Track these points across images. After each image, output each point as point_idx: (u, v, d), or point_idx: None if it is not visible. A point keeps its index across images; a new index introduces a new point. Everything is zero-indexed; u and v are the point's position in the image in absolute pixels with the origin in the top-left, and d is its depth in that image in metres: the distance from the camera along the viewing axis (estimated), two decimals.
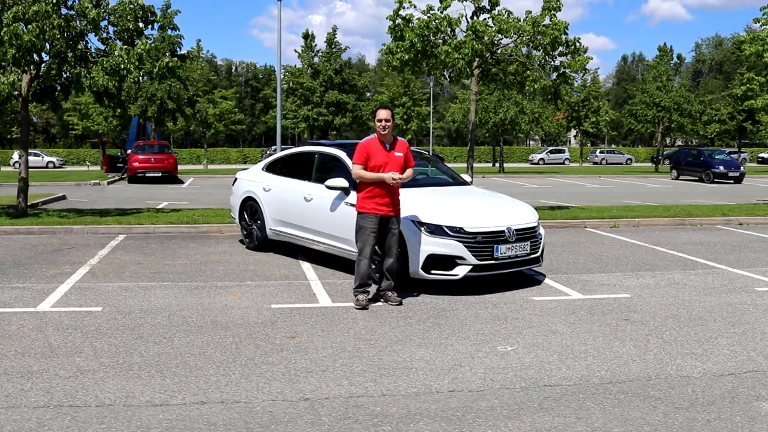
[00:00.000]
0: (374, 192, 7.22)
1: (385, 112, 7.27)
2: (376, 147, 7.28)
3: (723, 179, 32.71)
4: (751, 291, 8.28)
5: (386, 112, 7.29)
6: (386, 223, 7.31)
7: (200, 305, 7.23)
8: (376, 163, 7.21)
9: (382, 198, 7.22)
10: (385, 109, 7.36)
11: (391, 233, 7.36)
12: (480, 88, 29.28)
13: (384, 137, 7.32)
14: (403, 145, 7.46)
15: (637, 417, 4.51)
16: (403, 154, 7.37)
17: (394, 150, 7.32)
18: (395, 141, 7.41)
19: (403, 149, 7.39)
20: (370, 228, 7.24)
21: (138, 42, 12.78)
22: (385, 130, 7.25)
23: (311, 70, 43.27)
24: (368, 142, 7.36)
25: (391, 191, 7.28)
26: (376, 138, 7.35)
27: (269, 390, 4.87)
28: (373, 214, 7.22)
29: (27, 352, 5.59)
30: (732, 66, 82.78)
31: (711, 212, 15.57)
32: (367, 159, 7.22)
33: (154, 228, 12.25)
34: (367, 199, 7.25)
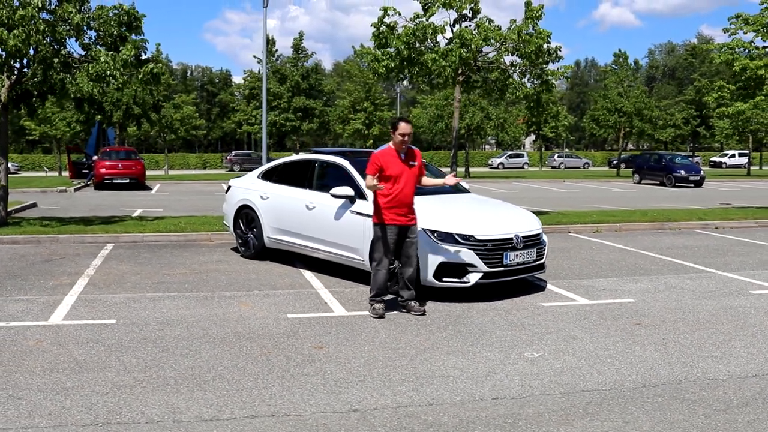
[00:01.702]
0: (392, 202, 7.20)
1: (408, 127, 7.31)
2: (391, 157, 7.28)
3: (684, 183, 33.53)
4: (747, 294, 8.54)
5: (408, 126, 7.34)
6: (405, 232, 7.32)
7: (215, 316, 7.16)
8: (391, 173, 7.21)
9: (400, 208, 7.23)
10: (407, 122, 7.39)
11: (409, 242, 7.37)
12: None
13: (401, 148, 7.34)
14: (417, 155, 7.50)
15: (680, 420, 4.63)
16: (418, 163, 7.43)
17: (410, 160, 7.36)
18: (409, 151, 7.42)
19: (417, 159, 7.45)
20: (390, 239, 7.24)
21: (122, 48, 12.56)
22: (405, 144, 7.29)
23: (278, 75, 43.05)
24: (382, 153, 7.34)
25: (408, 201, 7.30)
26: (392, 149, 7.35)
27: (315, 402, 4.86)
28: (392, 225, 7.22)
29: (55, 368, 5.48)
30: (684, 72, 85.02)
31: (688, 216, 15.98)
32: (379, 170, 7.21)
33: (143, 237, 12.07)
34: (385, 210, 7.23)
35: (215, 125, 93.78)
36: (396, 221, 7.23)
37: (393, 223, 7.23)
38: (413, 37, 13.81)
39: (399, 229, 7.27)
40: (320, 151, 10.24)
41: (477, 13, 15.06)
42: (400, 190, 7.21)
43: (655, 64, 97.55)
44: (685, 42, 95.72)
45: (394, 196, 7.20)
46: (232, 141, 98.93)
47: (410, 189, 7.30)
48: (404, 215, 7.27)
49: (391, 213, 7.23)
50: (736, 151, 66.98)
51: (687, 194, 28.70)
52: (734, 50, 16.92)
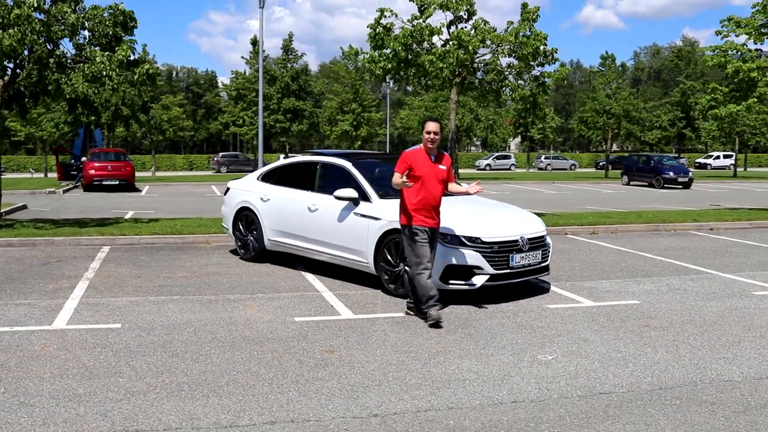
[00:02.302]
0: (420, 204, 7.10)
1: (434, 125, 7.18)
2: (421, 157, 7.19)
3: (673, 184, 33.73)
4: (750, 295, 8.56)
5: (435, 124, 7.20)
6: (431, 234, 7.22)
7: (222, 320, 7.09)
8: (419, 173, 7.11)
9: (428, 210, 7.13)
10: (434, 121, 7.25)
11: (432, 245, 7.24)
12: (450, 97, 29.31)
13: (430, 150, 7.23)
14: (447, 159, 7.40)
15: (701, 422, 4.62)
16: (447, 167, 7.31)
17: (439, 163, 7.26)
18: (440, 155, 7.34)
19: (446, 162, 7.33)
20: (421, 240, 7.09)
21: (118, 48, 12.44)
22: (432, 143, 7.16)
23: (268, 76, 42.87)
24: (413, 152, 7.30)
25: (435, 203, 7.19)
26: (422, 149, 7.27)
27: (334, 407, 4.80)
28: (422, 227, 7.11)
29: (64, 374, 5.38)
30: (670, 74, 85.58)
31: (682, 218, 16.05)
32: (408, 169, 7.14)
33: (139, 239, 11.95)
34: (413, 212, 7.12)
35: (201, 126, 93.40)
36: (424, 223, 7.11)
37: (421, 224, 7.11)
38: (411, 38, 13.77)
39: (428, 230, 7.13)
40: (322, 152, 10.18)
41: (472, 14, 15.06)
42: (428, 191, 7.09)
43: (640, 66, 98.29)
44: (670, 44, 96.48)
45: (422, 198, 7.09)
46: (217, 142, 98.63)
47: (438, 191, 7.18)
48: (431, 217, 7.16)
49: (419, 215, 7.12)
50: (721, 152, 67.56)
51: (676, 195, 28.87)
52: (727, 53, 17.02)
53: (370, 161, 9.83)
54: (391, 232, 8.26)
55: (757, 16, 17.09)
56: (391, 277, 8.32)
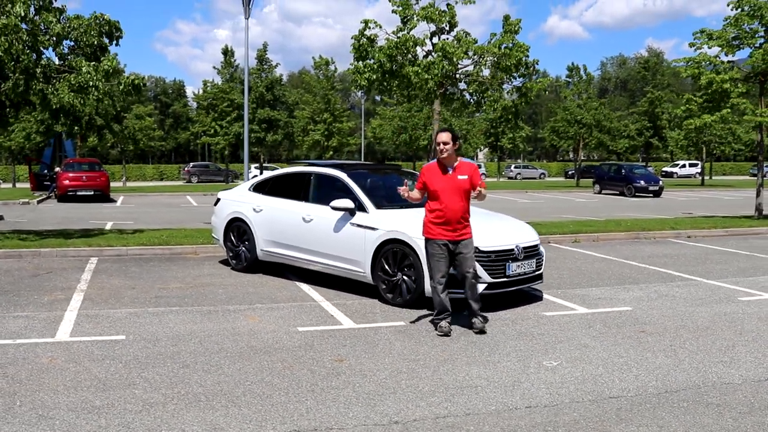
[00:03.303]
0: (438, 218, 7.08)
1: (444, 135, 7.10)
2: (433, 171, 7.17)
3: (644, 193, 34.32)
4: (737, 301, 8.81)
5: (445, 134, 7.11)
6: (455, 248, 7.13)
7: (225, 330, 7.11)
8: (433, 188, 7.11)
9: (448, 224, 7.06)
10: (445, 131, 7.19)
11: (462, 258, 7.15)
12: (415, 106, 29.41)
13: (446, 160, 7.15)
14: (466, 166, 7.22)
15: (710, 423, 4.78)
16: (468, 176, 7.13)
17: (456, 173, 7.13)
18: (460, 165, 7.19)
19: (466, 171, 7.17)
20: (438, 254, 7.11)
21: (103, 58, 12.39)
22: (443, 153, 7.07)
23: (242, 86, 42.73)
24: (427, 167, 7.30)
25: (454, 216, 7.06)
26: (436, 162, 7.24)
27: (354, 415, 4.87)
28: (439, 240, 7.10)
29: (78, 386, 5.37)
30: (636, 84, 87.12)
31: (661, 226, 16.38)
32: (424, 183, 7.20)
33: (126, 250, 11.88)
34: (432, 225, 7.13)
35: (169, 136, 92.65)
36: (443, 236, 7.07)
37: (439, 237, 7.08)
38: (395, 50, 13.92)
39: (449, 243, 7.09)
40: (315, 163, 10.24)
41: (454, 26, 15.27)
42: (444, 204, 7.03)
43: (607, 76, 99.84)
44: (637, 55, 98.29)
45: (439, 211, 7.06)
46: (186, 152, 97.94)
47: (456, 203, 7.04)
48: (452, 231, 7.07)
49: (436, 228, 7.10)
50: (687, 161, 68.93)
51: (648, 204, 29.39)
52: (700, 64, 17.47)
53: (365, 172, 9.92)
54: (388, 242, 8.37)
55: (729, 29, 17.57)
56: (389, 287, 8.40)
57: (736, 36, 17.34)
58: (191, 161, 71.13)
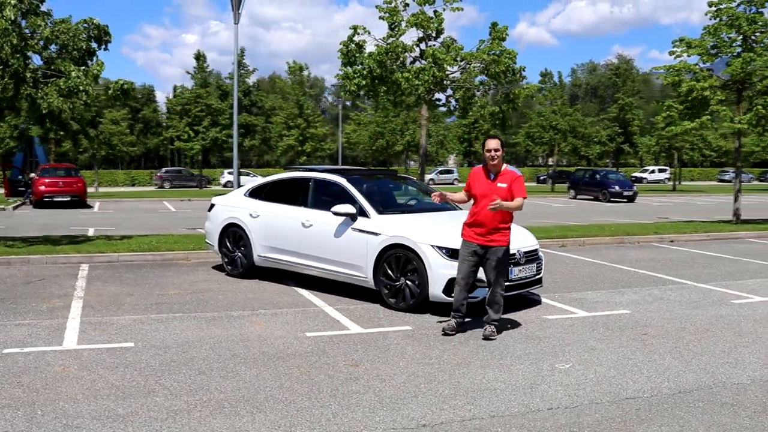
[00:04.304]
0: (472, 220, 7.24)
1: (494, 142, 7.18)
2: (479, 176, 7.32)
3: (618, 198, 34.82)
4: (730, 304, 9.01)
5: (495, 142, 7.18)
6: (484, 252, 7.23)
7: (234, 336, 7.09)
8: (476, 192, 7.25)
9: (479, 227, 7.18)
10: (494, 139, 7.25)
11: (488, 264, 7.25)
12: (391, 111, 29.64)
13: (492, 167, 7.25)
14: (508, 175, 7.25)
15: (728, 422, 4.90)
16: (507, 184, 7.18)
17: (498, 180, 7.20)
18: (503, 172, 7.25)
19: (507, 180, 7.18)
20: (464, 255, 7.27)
21: (91, 62, 12.28)
22: (493, 160, 7.16)
23: (219, 91, 42.46)
24: (474, 171, 7.45)
25: (487, 221, 7.14)
26: (484, 167, 7.37)
27: (380, 419, 4.91)
28: (469, 242, 7.25)
29: (97, 395, 5.33)
30: (607, 90, 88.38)
31: (644, 231, 16.64)
32: (470, 187, 7.36)
33: (117, 256, 11.76)
34: (466, 226, 7.32)
35: (139, 141, 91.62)
36: (473, 239, 7.21)
37: (469, 240, 7.24)
38: (385, 56, 13.99)
39: (477, 247, 7.21)
40: (313, 168, 10.24)
41: (440, 33, 15.40)
42: (479, 209, 7.16)
43: (577, 82, 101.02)
44: (607, 61, 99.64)
45: (475, 214, 7.22)
46: (156, 157, 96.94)
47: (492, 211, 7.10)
48: (482, 235, 7.18)
49: (470, 230, 7.27)
50: (656, 167, 70.00)
51: (624, 209, 29.82)
52: (680, 72, 17.80)
53: (364, 178, 9.95)
54: (391, 247, 8.42)
55: (707, 38, 17.94)
56: (392, 292, 8.45)
57: (715, 45, 17.73)
58: (161, 166, 70.49)
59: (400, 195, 10.60)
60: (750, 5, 17.51)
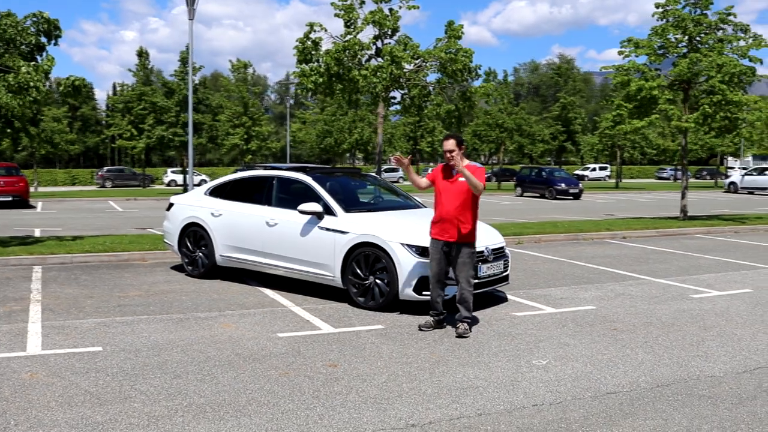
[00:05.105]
0: (436, 218, 7.35)
1: (449, 143, 7.21)
2: (441, 172, 7.43)
3: (564, 195, 35.45)
4: (690, 298, 9.23)
5: (450, 142, 7.22)
6: (450, 249, 7.28)
7: (204, 338, 6.93)
8: (437, 188, 7.39)
9: (442, 224, 7.26)
10: (450, 139, 7.29)
11: (455, 260, 7.29)
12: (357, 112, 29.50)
13: (453, 166, 7.30)
14: (469, 168, 7.20)
15: (709, 414, 5.01)
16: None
17: (458, 176, 7.26)
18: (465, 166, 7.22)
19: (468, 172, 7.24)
20: (433, 253, 7.35)
21: (41, 58, 11.85)
22: (450, 160, 7.22)
23: (165, 88, 41.50)
24: (439, 167, 7.54)
25: (449, 217, 7.21)
26: (448, 164, 7.42)
27: (368, 419, 4.85)
28: (436, 240, 7.32)
29: (71, 402, 5.12)
30: (549, 89, 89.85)
31: (596, 227, 16.96)
32: (434, 179, 7.46)
33: (72, 258, 11.38)
34: (433, 224, 7.40)
35: (78, 140, 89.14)
36: (440, 237, 7.30)
37: (436, 237, 7.33)
38: (343, 53, 13.90)
39: (443, 244, 7.28)
40: (276, 166, 10.09)
41: (396, 31, 15.38)
42: (442, 205, 7.28)
43: (520, 81, 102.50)
44: (548, 61, 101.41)
45: (438, 212, 7.34)
46: (95, 156, 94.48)
47: (452, 205, 7.20)
48: (446, 231, 7.24)
49: (435, 228, 7.37)
50: (597, 165, 71.54)
51: (571, 206, 30.35)
52: (629, 72, 18.20)
53: (328, 175, 9.85)
54: (360, 245, 8.35)
55: (654, 38, 18.38)
56: (360, 290, 8.39)
57: (662, 45, 18.18)
58: (101, 165, 68.76)
59: (365, 193, 10.55)
60: (695, 7, 18.02)
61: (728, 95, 16.74)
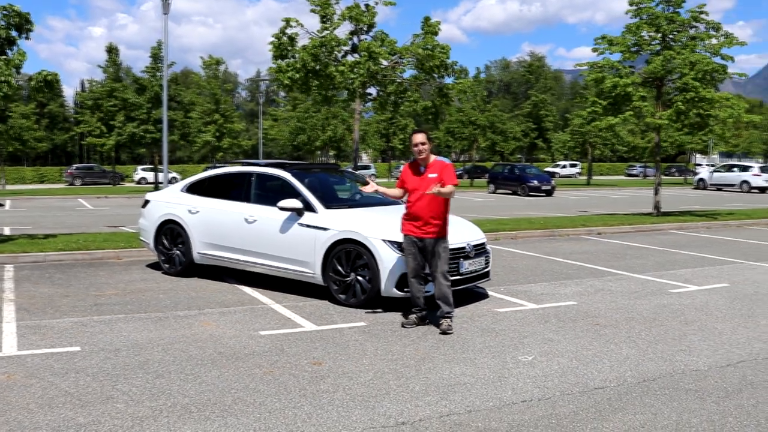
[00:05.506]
0: (407, 214, 7.33)
1: (420, 136, 7.19)
2: (409, 170, 7.39)
3: (537, 192, 35.65)
4: (669, 293, 9.30)
5: (421, 136, 7.19)
6: (423, 245, 7.25)
7: (185, 337, 6.81)
8: (409, 187, 7.33)
9: (415, 220, 7.23)
10: (420, 133, 7.26)
11: (429, 256, 7.26)
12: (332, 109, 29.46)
13: (421, 160, 7.26)
14: (437, 165, 7.25)
15: (698, 408, 5.03)
16: (438, 174, 7.16)
17: (428, 172, 7.22)
18: (433, 163, 7.26)
19: (437, 170, 7.19)
20: (407, 249, 7.32)
21: (12, 52, 11.59)
22: (421, 153, 7.17)
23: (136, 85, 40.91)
24: (406, 167, 7.46)
25: (422, 213, 7.17)
26: (415, 162, 7.38)
27: (357, 418, 4.79)
28: (408, 236, 7.30)
29: (51, 403, 4.98)
30: (520, 87, 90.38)
31: (572, 224, 17.05)
32: (403, 182, 7.38)
33: (44, 256, 11.14)
34: (403, 220, 7.38)
35: (46, 137, 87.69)
36: (411, 232, 7.27)
37: (408, 233, 7.30)
38: (320, 49, 13.79)
39: (417, 240, 7.25)
40: (254, 163, 9.98)
41: (372, 27, 15.32)
42: (413, 203, 7.25)
43: (491, 78, 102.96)
44: (519, 58, 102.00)
45: (409, 208, 7.31)
46: (63, 154, 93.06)
47: (425, 202, 7.14)
48: (419, 227, 7.21)
49: (407, 224, 7.33)
50: (568, 162, 72.18)
51: (544, 203, 30.52)
52: (603, 69, 18.32)
53: (307, 172, 9.75)
54: (341, 242, 8.27)
55: (627, 36, 18.53)
56: (341, 287, 8.31)
57: (636, 42, 18.33)
58: (70, 163, 67.78)
59: (343, 189, 10.46)
60: (668, 5, 18.19)
61: (701, 92, 16.95)
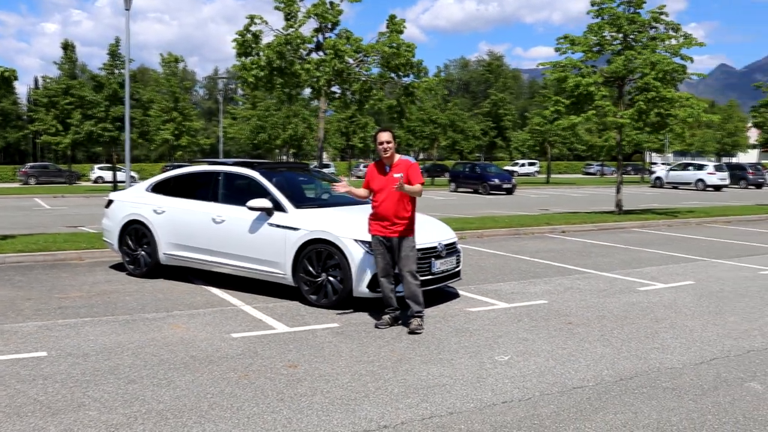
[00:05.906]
0: (373, 215, 7.28)
1: (386, 135, 7.15)
2: (374, 170, 7.32)
3: (498, 191, 35.92)
4: (637, 291, 9.40)
5: (386, 134, 7.16)
6: (390, 244, 7.22)
7: (155, 340, 6.64)
8: (374, 187, 7.26)
9: (382, 220, 7.19)
10: (385, 131, 7.22)
11: (396, 255, 7.23)
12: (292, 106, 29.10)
13: (386, 159, 7.23)
14: (403, 164, 7.23)
15: (676, 406, 5.07)
16: (404, 173, 7.12)
17: (393, 171, 7.18)
18: (398, 163, 7.24)
19: (402, 169, 7.16)
20: (376, 249, 7.27)
21: None
22: (386, 152, 7.14)
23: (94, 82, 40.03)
24: (371, 167, 7.39)
25: (388, 213, 7.13)
26: (380, 161, 7.32)
27: (338, 422, 4.71)
28: (375, 235, 7.25)
29: (20, 412, 4.79)
30: (479, 86, 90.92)
31: (536, 222, 17.18)
32: (369, 182, 7.31)
33: (3, 258, 10.79)
34: (370, 220, 7.32)
35: None
36: (378, 232, 7.23)
37: (375, 233, 7.26)
38: (285, 47, 13.63)
39: (384, 239, 7.21)
40: (221, 162, 9.81)
41: (336, 24, 15.21)
42: (379, 203, 7.18)
43: (450, 77, 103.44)
44: (478, 57, 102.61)
45: (375, 208, 7.25)
46: (16, 152, 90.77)
47: (391, 201, 7.10)
48: (385, 227, 7.17)
49: (374, 224, 7.27)
50: (526, 161, 72.89)
51: (505, 201, 30.75)
52: (566, 68, 18.50)
53: (275, 171, 9.62)
54: (312, 242, 8.17)
55: (589, 36, 18.74)
56: (312, 288, 8.21)
57: (598, 42, 18.55)
58: (23, 162, 66.21)
59: (312, 188, 10.35)
60: (629, 6, 18.44)
61: (662, 92, 17.22)
